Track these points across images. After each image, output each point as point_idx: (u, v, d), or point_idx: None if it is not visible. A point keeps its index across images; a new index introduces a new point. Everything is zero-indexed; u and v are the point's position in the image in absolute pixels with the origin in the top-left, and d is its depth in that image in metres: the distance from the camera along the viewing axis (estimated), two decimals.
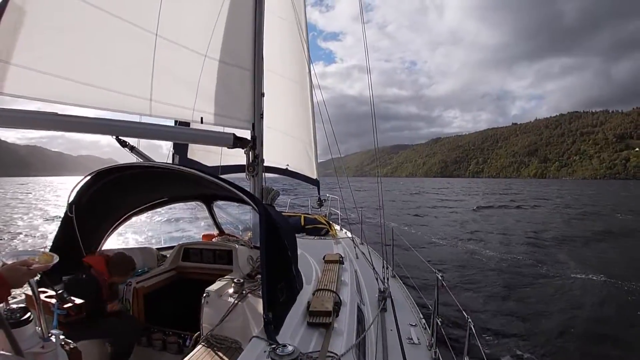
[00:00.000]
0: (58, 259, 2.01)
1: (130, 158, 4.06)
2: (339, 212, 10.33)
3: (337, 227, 9.03)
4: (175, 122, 4.80)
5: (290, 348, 2.16)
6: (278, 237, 3.04)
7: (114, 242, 4.30)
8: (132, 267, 3.83)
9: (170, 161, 6.16)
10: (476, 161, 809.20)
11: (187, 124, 4.87)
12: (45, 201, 49.76)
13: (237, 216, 6.31)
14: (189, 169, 3.23)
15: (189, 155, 6.55)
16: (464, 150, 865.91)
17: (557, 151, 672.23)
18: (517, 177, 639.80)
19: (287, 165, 8.25)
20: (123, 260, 3.75)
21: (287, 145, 8.14)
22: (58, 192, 71.56)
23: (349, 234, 8.47)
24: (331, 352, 2.44)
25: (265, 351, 2.17)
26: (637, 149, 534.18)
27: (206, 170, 4.73)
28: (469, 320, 3.15)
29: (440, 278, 3.84)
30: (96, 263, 3.55)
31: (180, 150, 6.29)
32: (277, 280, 2.82)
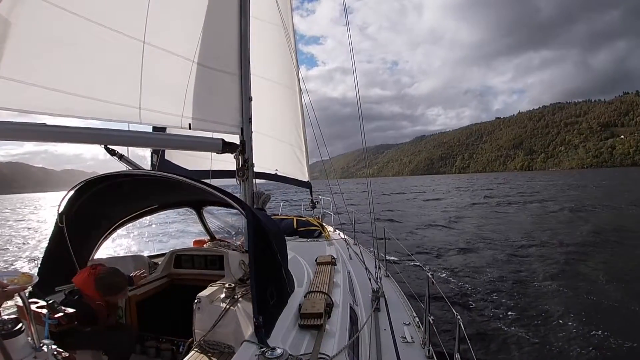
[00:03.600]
0: (37, 279, 2.01)
1: (116, 167, 4.04)
2: (332, 213, 10.30)
3: (330, 229, 9.02)
4: (153, 128, 4.80)
5: (279, 351, 2.18)
6: (266, 240, 3.05)
7: (105, 250, 4.27)
8: (125, 285, 3.45)
9: (149, 162, 6.16)
10: (462, 157, 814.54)
11: (163, 129, 4.87)
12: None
13: (229, 221, 6.29)
14: (176, 176, 3.22)
15: (167, 157, 6.58)
16: (449, 146, 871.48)
17: (542, 143, 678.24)
18: (503, 171, 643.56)
19: (276, 170, 8.24)
20: (113, 280, 3.34)
21: (275, 149, 8.15)
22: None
23: (342, 235, 8.46)
24: (323, 354, 2.46)
25: (255, 355, 2.19)
26: (622, 137, 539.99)
27: (194, 175, 4.71)
28: (458, 317, 3.18)
29: (430, 276, 3.87)
30: (85, 286, 3.23)
31: (157, 150, 6.29)
32: (267, 284, 2.83)
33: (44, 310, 2.40)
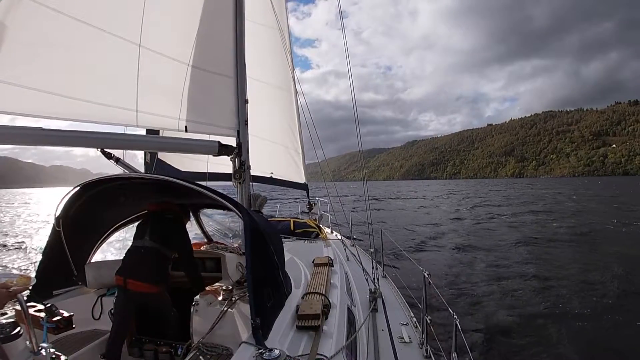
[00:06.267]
0: (35, 282, 2.01)
1: (107, 164, 4.04)
2: (329, 215, 10.29)
3: (327, 230, 9.00)
4: (147, 130, 4.81)
5: (277, 352, 2.18)
6: (263, 242, 3.05)
7: (102, 253, 4.25)
8: None
9: (143, 162, 6.18)
10: (453, 162, 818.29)
11: (157, 132, 4.87)
12: None
13: (226, 223, 6.26)
14: (173, 179, 3.22)
15: (162, 158, 6.68)
16: (441, 152, 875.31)
17: (533, 150, 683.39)
18: (494, 177, 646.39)
19: (272, 173, 8.22)
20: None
21: (271, 152, 8.13)
22: None
23: (339, 237, 8.45)
24: (320, 355, 2.47)
25: (253, 356, 2.19)
26: (614, 146, 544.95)
27: (191, 178, 4.71)
28: (455, 317, 3.20)
29: (427, 276, 3.88)
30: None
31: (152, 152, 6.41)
32: (264, 285, 2.83)
33: (42, 314, 2.38)
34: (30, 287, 1.99)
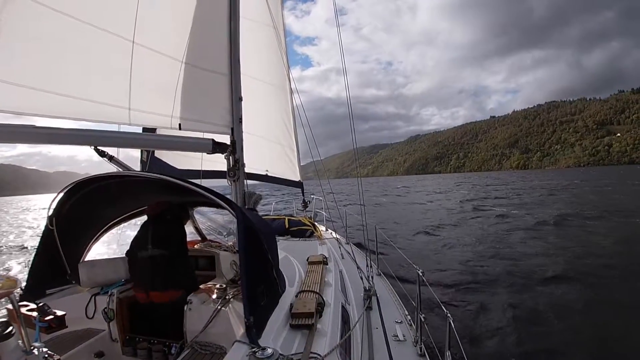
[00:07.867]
0: (22, 284, 2.01)
1: (110, 169, 4.03)
2: (324, 213, 10.30)
3: (322, 228, 9.02)
4: (143, 128, 4.80)
5: (269, 351, 2.20)
6: (257, 240, 3.05)
7: (96, 252, 4.25)
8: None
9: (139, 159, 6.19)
10: (457, 156, 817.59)
11: (153, 130, 4.86)
12: None
13: (220, 221, 6.27)
14: (166, 177, 3.22)
15: (157, 155, 6.66)
16: (444, 146, 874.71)
17: (537, 141, 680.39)
18: (499, 170, 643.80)
19: (267, 170, 8.19)
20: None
21: (266, 150, 8.11)
22: None
23: (334, 235, 8.46)
24: (314, 353, 2.48)
25: (247, 355, 2.20)
26: (618, 135, 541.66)
27: (185, 175, 4.71)
28: (448, 315, 3.20)
29: (420, 274, 3.88)
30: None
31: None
32: (258, 284, 2.84)
33: (35, 314, 2.39)
34: (17, 290, 1.99)
